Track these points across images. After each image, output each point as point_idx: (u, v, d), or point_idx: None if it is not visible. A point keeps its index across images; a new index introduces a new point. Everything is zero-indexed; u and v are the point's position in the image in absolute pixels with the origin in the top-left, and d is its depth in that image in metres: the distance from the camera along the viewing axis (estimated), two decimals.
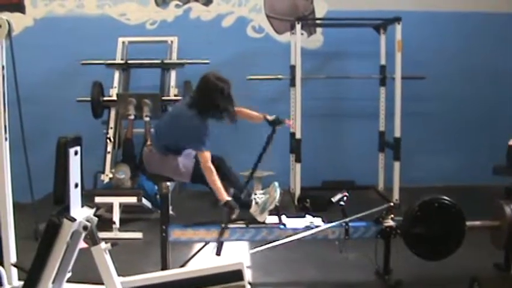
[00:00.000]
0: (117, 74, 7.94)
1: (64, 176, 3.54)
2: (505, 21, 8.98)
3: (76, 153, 3.60)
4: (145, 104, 7.39)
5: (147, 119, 7.40)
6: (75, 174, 3.58)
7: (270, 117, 5.67)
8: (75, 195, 3.59)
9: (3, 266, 4.07)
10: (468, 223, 4.95)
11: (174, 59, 8.05)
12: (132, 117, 7.46)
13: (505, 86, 8.95)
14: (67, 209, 3.54)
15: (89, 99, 7.68)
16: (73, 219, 3.50)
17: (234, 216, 5.20)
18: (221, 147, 5.60)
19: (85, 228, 3.59)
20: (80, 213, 3.63)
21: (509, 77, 8.89)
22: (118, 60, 8.04)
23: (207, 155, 5.19)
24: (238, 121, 5.55)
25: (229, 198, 5.16)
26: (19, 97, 4.20)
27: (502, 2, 9.00)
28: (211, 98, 5.25)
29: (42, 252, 3.52)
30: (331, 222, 5.20)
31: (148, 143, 5.46)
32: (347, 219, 5.11)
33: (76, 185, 3.60)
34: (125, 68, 8.04)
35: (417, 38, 8.43)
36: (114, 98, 7.69)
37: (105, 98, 7.78)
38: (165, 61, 7.91)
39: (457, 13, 8.92)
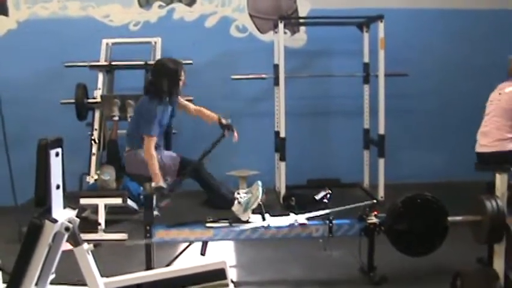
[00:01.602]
0: (101, 76, 7.93)
1: (45, 177, 3.54)
2: (488, 19, 9.04)
3: (57, 154, 3.61)
4: (129, 105, 7.38)
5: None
6: (56, 176, 3.58)
7: (224, 121, 5.72)
8: (56, 197, 3.59)
9: None
10: (450, 218, 4.96)
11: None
12: (116, 118, 7.44)
13: (488, 83, 8.97)
14: (49, 210, 3.55)
15: (73, 101, 7.67)
16: (55, 221, 3.50)
17: (162, 205, 5.26)
18: (197, 152, 5.64)
19: (67, 229, 3.59)
20: (62, 214, 3.63)
21: (492, 74, 8.90)
22: (102, 62, 8.04)
23: (153, 139, 5.26)
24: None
25: (164, 185, 5.25)
26: (0, 100, 4.20)
27: None
28: (162, 79, 5.33)
29: (24, 254, 3.52)
30: (316, 219, 5.22)
31: (127, 148, 5.50)
32: (327, 211, 5.13)
33: (58, 187, 3.60)
34: (109, 69, 8.04)
35: (400, 35, 8.48)
36: (99, 99, 7.68)
37: (90, 100, 7.78)
38: (149, 62, 7.90)
39: (441, 10, 8.98)
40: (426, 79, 8.80)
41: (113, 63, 8.03)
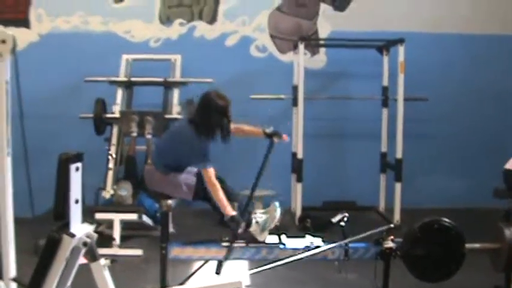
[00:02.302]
0: (120, 92, 7.95)
1: (65, 192, 3.55)
2: (509, 44, 9.01)
3: (77, 169, 3.61)
4: (147, 121, 7.40)
5: (149, 136, 7.39)
6: (75, 190, 3.59)
7: (268, 130, 5.70)
8: (75, 211, 3.59)
9: (2, 280, 4.07)
10: (468, 245, 4.93)
11: (178, 77, 8.07)
12: (134, 134, 7.46)
13: (508, 109, 8.96)
14: (67, 224, 3.55)
15: (91, 116, 7.69)
16: (73, 235, 3.51)
17: (240, 231, 5.21)
18: (221, 165, 5.61)
19: (85, 244, 3.59)
20: (80, 229, 3.64)
21: None
22: (121, 78, 8.06)
23: (211, 171, 5.24)
24: (238, 139, 5.59)
25: (234, 213, 5.21)
26: (22, 112, 4.21)
27: (508, 24, 9.03)
28: (211, 116, 5.30)
29: (41, 268, 3.52)
30: (331, 242, 5.20)
31: (149, 161, 5.47)
32: (346, 241, 5.11)
33: (76, 201, 3.61)
34: (128, 85, 8.06)
35: (420, 59, 8.47)
36: (117, 115, 7.70)
37: (108, 115, 7.80)
38: (168, 79, 7.92)
39: (462, 35, 8.97)
40: (445, 104, 8.77)
41: (133, 79, 8.04)
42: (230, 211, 5.22)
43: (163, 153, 5.45)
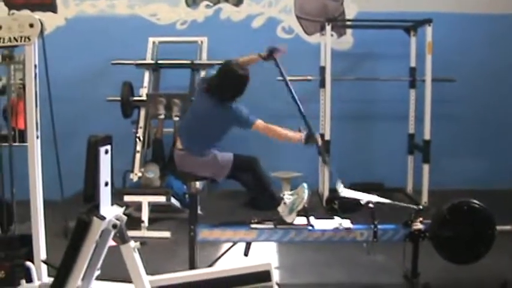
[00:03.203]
0: (147, 74, 7.98)
1: (94, 174, 3.57)
2: None
3: (106, 152, 3.63)
4: (175, 104, 7.40)
5: (177, 118, 7.39)
6: (105, 173, 3.61)
7: (304, 133, 5.62)
8: (105, 194, 3.62)
9: (33, 263, 4.11)
10: (498, 227, 4.91)
11: (204, 59, 8.06)
12: (162, 116, 7.47)
13: None
14: (97, 207, 3.57)
15: (119, 98, 7.72)
16: (103, 218, 3.53)
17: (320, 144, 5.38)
18: (251, 149, 5.63)
19: (114, 226, 3.62)
20: (110, 211, 3.66)
21: None
22: (148, 61, 8.08)
23: (260, 122, 5.28)
24: None
25: (303, 133, 5.35)
26: (51, 96, 4.23)
27: None
28: (232, 83, 5.32)
29: (71, 250, 3.55)
30: (359, 224, 5.20)
31: (179, 147, 5.43)
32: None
33: (106, 184, 3.63)
34: (155, 68, 8.06)
35: (448, 40, 8.37)
36: (144, 98, 7.72)
37: (135, 98, 7.83)
38: (195, 61, 7.91)
39: (489, 15, 8.84)
40: (473, 84, 8.69)
41: (159, 62, 8.04)
42: (298, 136, 5.44)
43: (194, 135, 5.38)
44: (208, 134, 5.32)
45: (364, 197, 5.28)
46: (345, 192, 5.33)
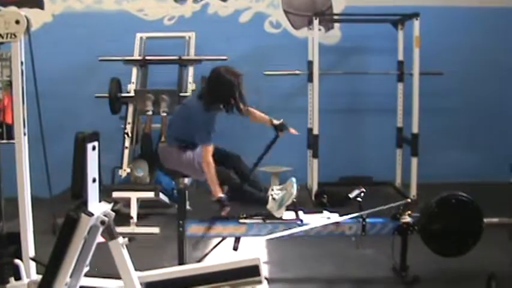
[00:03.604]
0: (134, 70, 7.95)
1: (82, 171, 3.56)
2: None
3: (94, 148, 3.62)
4: (163, 99, 7.39)
5: (165, 114, 7.38)
6: (92, 169, 3.60)
7: (276, 121, 5.70)
8: (92, 190, 3.61)
9: (21, 260, 4.10)
10: (486, 220, 4.94)
11: (192, 54, 8.05)
12: (150, 113, 7.45)
13: None
14: (85, 203, 3.56)
15: (107, 95, 7.70)
16: (91, 214, 3.52)
17: (223, 214, 5.26)
18: (234, 144, 5.64)
19: (103, 223, 3.61)
20: (98, 208, 3.65)
21: None
22: (136, 57, 8.06)
23: (210, 148, 5.29)
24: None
25: (222, 195, 5.30)
26: (37, 92, 4.22)
27: None
28: (220, 91, 5.34)
29: (60, 247, 3.54)
30: (348, 217, 5.21)
31: (163, 139, 5.50)
32: (364, 212, 5.11)
33: (94, 180, 3.62)
34: (143, 64, 8.03)
35: (435, 33, 8.38)
36: (132, 94, 7.71)
37: (123, 94, 7.81)
38: (183, 57, 7.90)
39: (476, 8, 8.85)
40: (461, 78, 8.70)
41: (147, 57, 8.02)
42: (218, 192, 5.35)
43: (174, 127, 5.51)
44: (184, 130, 5.39)
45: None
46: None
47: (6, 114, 6.47)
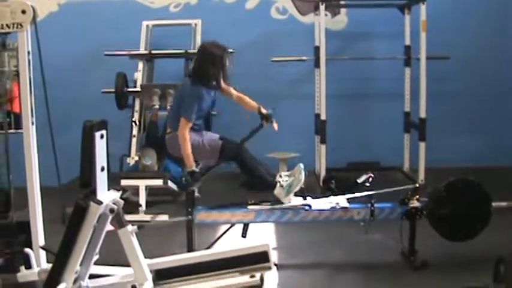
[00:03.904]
0: (141, 64, 7.93)
1: (90, 159, 3.57)
2: None
3: (102, 136, 3.63)
4: (169, 94, 7.34)
5: None
6: (101, 158, 3.61)
7: (263, 111, 5.67)
8: (101, 179, 3.62)
9: (31, 249, 4.12)
10: (494, 204, 4.93)
11: (198, 41, 8.03)
12: (156, 107, 7.42)
13: None
14: (94, 192, 3.57)
15: (113, 90, 7.70)
16: (100, 202, 3.53)
17: (194, 188, 5.27)
18: (236, 134, 5.65)
19: (112, 211, 3.62)
20: (107, 196, 3.67)
21: None
22: (142, 51, 8.05)
23: (189, 124, 5.31)
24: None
25: (196, 169, 5.39)
26: (45, 82, 4.23)
27: None
28: (203, 63, 5.38)
29: (69, 235, 3.56)
30: (357, 203, 5.22)
31: (168, 130, 5.51)
32: (371, 193, 5.13)
33: (102, 168, 3.63)
34: (149, 58, 8.03)
35: (443, 17, 8.35)
36: (139, 89, 7.70)
37: (130, 89, 7.82)
38: (189, 51, 7.85)
39: None
40: (468, 62, 8.68)
41: (153, 52, 8.00)
42: (192, 165, 5.41)
43: (173, 115, 5.52)
44: (177, 108, 5.43)
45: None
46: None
47: (14, 104, 6.48)
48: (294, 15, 8.92)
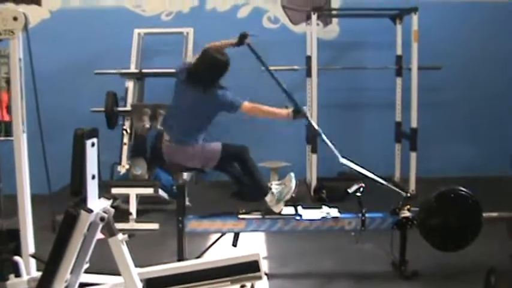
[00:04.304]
0: (131, 84, 7.86)
1: (81, 167, 3.56)
2: None
3: (93, 144, 3.62)
4: (159, 114, 7.30)
5: (161, 128, 7.32)
6: (92, 166, 3.60)
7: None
8: (92, 187, 3.61)
9: (21, 257, 4.11)
10: (485, 214, 4.94)
11: (190, 50, 8.01)
12: (147, 126, 7.38)
13: None
14: (84, 200, 3.56)
15: (103, 109, 7.61)
16: (90, 211, 3.52)
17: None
18: (237, 140, 5.63)
19: (102, 219, 3.61)
20: (97, 204, 3.65)
21: None
22: (132, 70, 7.96)
23: (247, 103, 5.29)
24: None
25: (290, 110, 5.41)
26: (36, 89, 4.21)
27: None
28: (213, 69, 5.32)
29: (59, 243, 3.55)
30: (348, 212, 5.23)
31: (167, 138, 5.40)
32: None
33: (93, 177, 3.62)
34: (139, 77, 7.97)
35: (434, 28, 8.38)
36: (129, 108, 7.64)
37: (120, 109, 7.71)
38: None
39: (474, 3, 8.85)
40: (459, 72, 8.71)
41: (144, 71, 7.93)
42: (285, 112, 5.45)
43: (180, 126, 5.32)
44: (194, 123, 5.32)
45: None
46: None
47: (3, 112, 6.46)
48: (286, 25, 8.94)
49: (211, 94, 5.26)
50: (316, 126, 5.86)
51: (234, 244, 5.20)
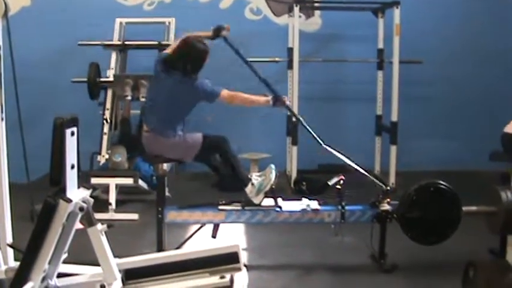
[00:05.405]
0: (114, 55, 7.91)
1: (60, 157, 3.52)
2: (503, 2, 8.94)
3: (72, 134, 3.58)
4: (142, 85, 7.32)
5: (144, 99, 7.33)
6: (71, 155, 3.56)
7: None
8: (71, 177, 3.57)
9: None
10: (464, 208, 4.95)
11: (172, 40, 7.99)
12: (129, 98, 7.39)
13: (507, 71, 8.91)
14: (63, 190, 3.53)
15: (85, 80, 7.63)
16: (69, 200, 3.48)
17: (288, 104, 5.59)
18: (218, 131, 5.61)
19: (81, 209, 3.58)
20: (76, 194, 3.61)
21: (509, 61, 8.85)
22: (115, 41, 8.01)
23: (225, 91, 5.28)
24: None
25: (269, 98, 5.47)
26: (15, 77, 4.18)
27: None
28: (193, 58, 5.30)
29: (38, 233, 3.51)
30: (327, 205, 5.24)
31: (146, 129, 5.37)
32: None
33: (72, 166, 3.58)
34: (122, 49, 8.01)
35: (416, 22, 8.40)
36: (111, 79, 7.65)
37: (102, 79, 7.74)
38: (162, 42, 7.84)
39: None
40: (440, 66, 8.74)
41: (126, 42, 7.99)
42: (264, 99, 5.54)
43: (160, 116, 5.30)
44: (174, 113, 5.29)
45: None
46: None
47: None
48: (268, 16, 8.93)
49: (190, 83, 5.24)
50: (296, 114, 5.84)
51: (214, 235, 5.19)
